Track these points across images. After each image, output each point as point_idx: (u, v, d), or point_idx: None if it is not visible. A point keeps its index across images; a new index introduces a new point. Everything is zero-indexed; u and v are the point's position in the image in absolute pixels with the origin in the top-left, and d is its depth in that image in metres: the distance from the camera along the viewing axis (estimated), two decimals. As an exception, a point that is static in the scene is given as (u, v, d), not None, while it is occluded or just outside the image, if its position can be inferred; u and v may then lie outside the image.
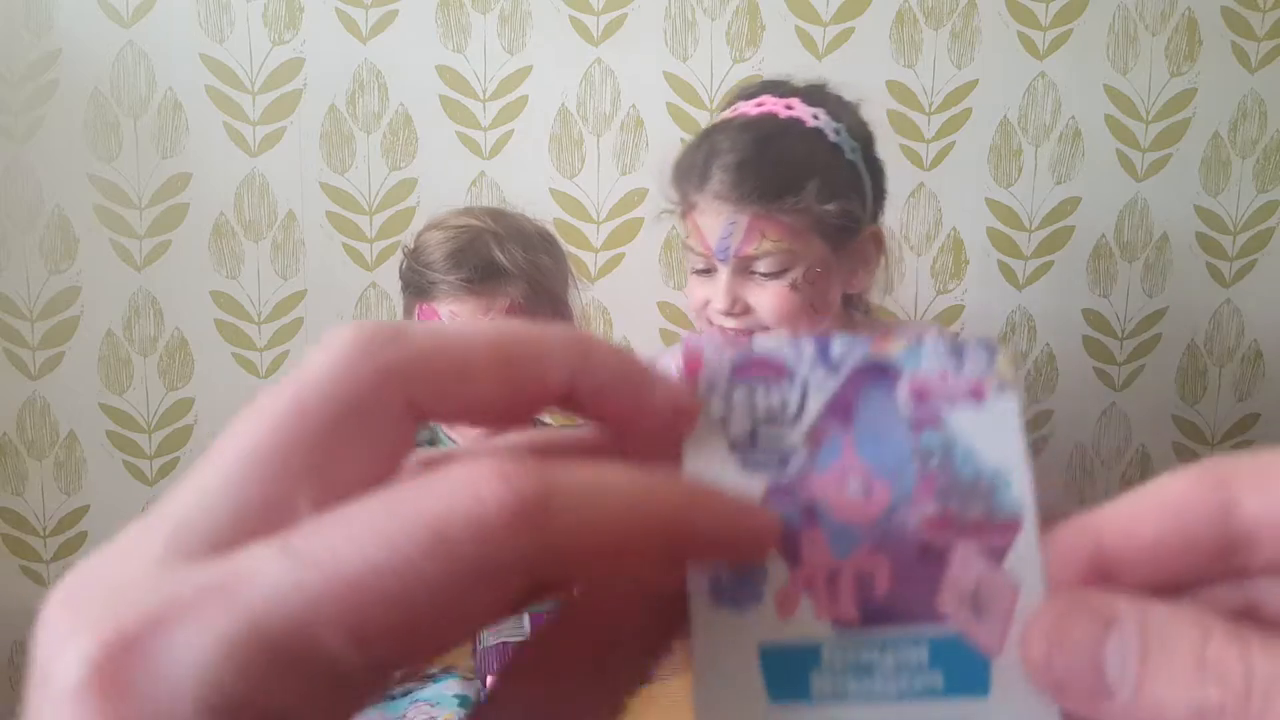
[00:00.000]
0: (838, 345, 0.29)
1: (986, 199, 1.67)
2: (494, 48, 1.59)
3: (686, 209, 1.14)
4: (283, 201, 1.61)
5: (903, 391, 0.28)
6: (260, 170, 1.60)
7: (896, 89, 1.63)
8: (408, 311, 1.18)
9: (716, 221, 1.10)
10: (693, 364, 0.29)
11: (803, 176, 1.08)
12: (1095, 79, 1.66)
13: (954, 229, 1.68)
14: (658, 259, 1.64)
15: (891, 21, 1.62)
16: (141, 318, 1.64)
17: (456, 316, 1.10)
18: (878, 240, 1.19)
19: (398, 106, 1.60)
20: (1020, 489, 0.26)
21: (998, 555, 0.26)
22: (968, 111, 1.64)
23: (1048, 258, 1.70)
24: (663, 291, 1.66)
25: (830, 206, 1.09)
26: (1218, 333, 1.76)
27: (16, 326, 1.63)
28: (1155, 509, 0.22)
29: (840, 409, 0.28)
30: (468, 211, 1.18)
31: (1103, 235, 1.70)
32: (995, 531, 0.26)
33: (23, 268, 1.61)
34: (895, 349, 0.28)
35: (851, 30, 1.61)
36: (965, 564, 0.25)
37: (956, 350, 0.29)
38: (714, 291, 1.13)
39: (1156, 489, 0.23)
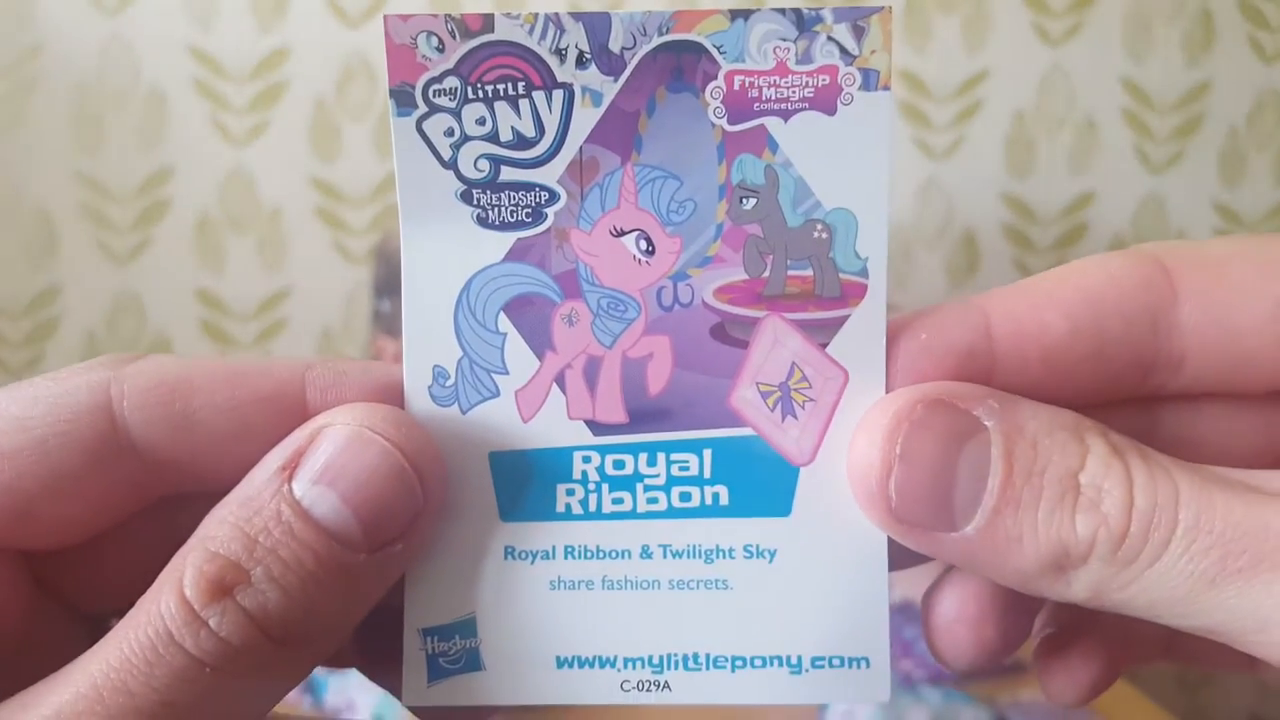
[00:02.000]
0: (617, 25, 0.21)
1: (1000, 192, 1.66)
2: (488, 35, 1.56)
3: None
4: (268, 195, 1.58)
5: (713, 97, 0.20)
6: (246, 163, 1.57)
7: (906, 77, 1.61)
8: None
9: None
10: (400, 60, 0.20)
11: None
12: (1110, 69, 1.63)
13: (966, 223, 1.66)
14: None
15: (902, 8, 1.59)
16: (125, 316, 1.61)
17: None
18: None
19: (387, 95, 1.57)
20: (872, 240, 0.20)
21: (823, 333, 0.20)
22: (979, 102, 1.62)
23: (1063, 251, 1.68)
24: (663, 289, 1.63)
25: None
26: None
27: (-5, 325, 1.60)
28: (1069, 296, 0.18)
29: (618, 126, 0.20)
30: None
31: (1118, 231, 1.69)
32: (823, 301, 0.20)
33: (4, 264, 1.58)
34: (708, 25, 0.20)
35: (859, 17, 1.59)
36: (775, 345, 0.19)
37: (802, 24, 0.21)
38: None
39: (1076, 270, 0.18)
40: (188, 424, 0.19)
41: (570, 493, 0.20)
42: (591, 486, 0.20)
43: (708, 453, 0.19)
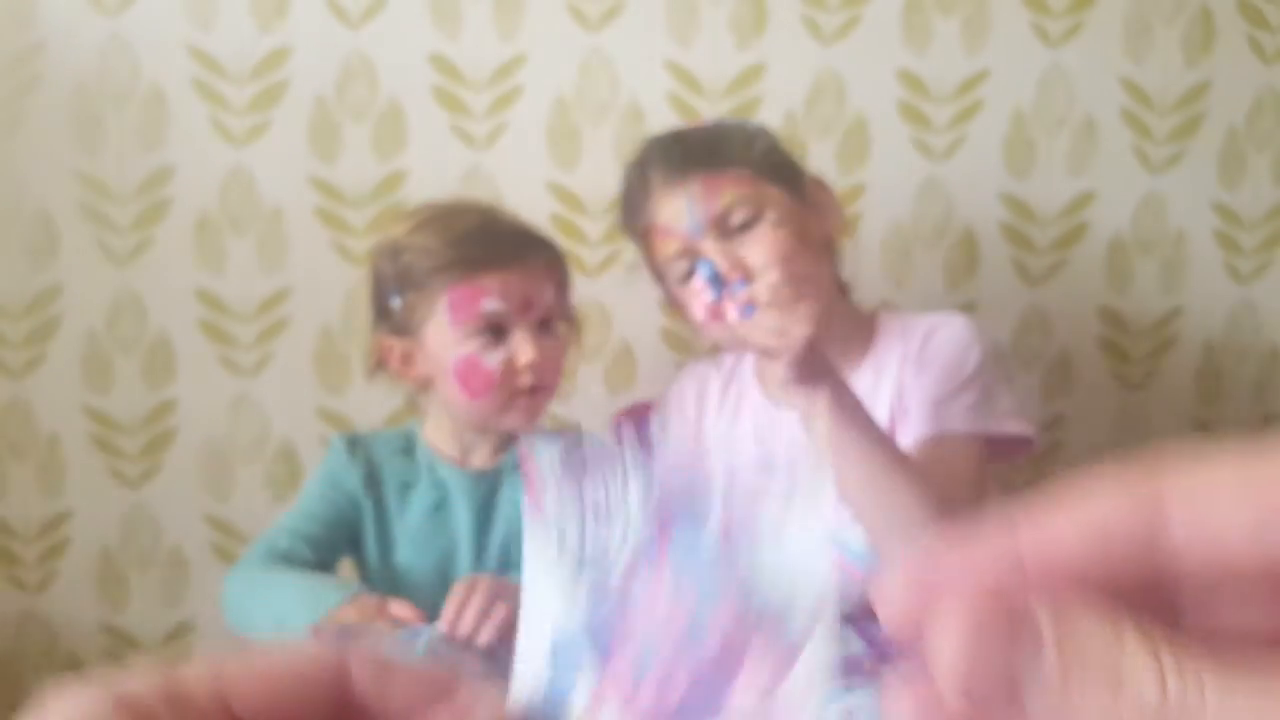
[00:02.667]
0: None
1: (999, 192, 1.66)
2: (487, 35, 1.57)
3: (645, 232, 1.18)
4: (269, 195, 1.59)
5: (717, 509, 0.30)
6: (246, 163, 1.58)
7: (906, 78, 1.61)
8: (408, 319, 1.13)
9: (675, 206, 1.14)
10: (526, 464, 0.33)
11: (729, 139, 1.20)
12: (1109, 70, 1.64)
13: (966, 223, 1.66)
14: (658, 255, 1.62)
15: (901, 8, 1.60)
16: (125, 316, 1.61)
17: (507, 284, 1.08)
18: (821, 186, 1.24)
19: (387, 96, 1.58)
20: (804, 622, 0.28)
21: (779, 675, 0.28)
22: (980, 102, 1.63)
23: (1062, 253, 1.69)
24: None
25: (759, 147, 1.17)
26: (1235, 331, 1.74)
27: (-4, 325, 1.60)
28: (1078, 528, 0.21)
29: (660, 511, 0.31)
30: (452, 201, 1.19)
31: (1118, 231, 1.69)
32: (781, 654, 0.28)
33: (5, 264, 1.58)
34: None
35: (859, 17, 1.59)
36: (756, 669, 0.28)
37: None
38: (710, 271, 1.15)
39: (1080, 504, 0.21)
40: (387, 697, 0.25)
41: None
42: None
43: None
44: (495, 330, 1.09)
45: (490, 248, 1.09)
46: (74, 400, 1.62)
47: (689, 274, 1.15)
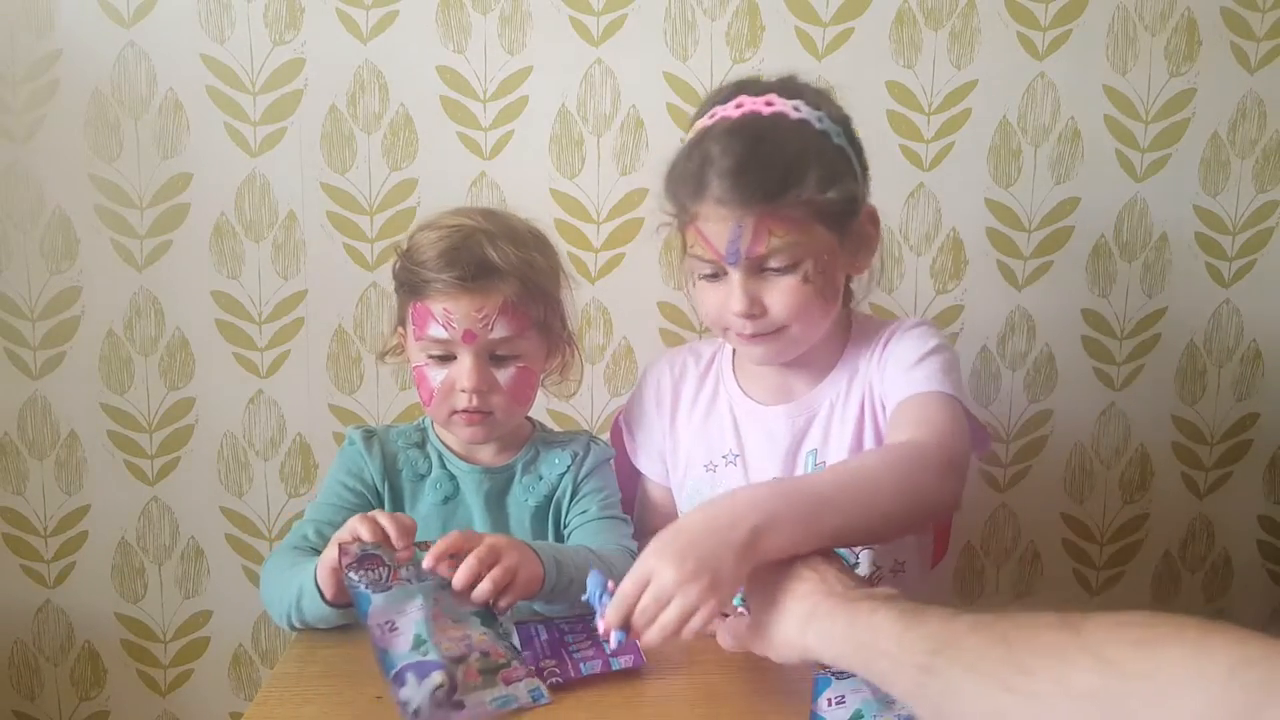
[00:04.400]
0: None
1: (986, 199, 1.68)
2: (494, 48, 1.59)
3: (687, 219, 1.13)
4: (283, 201, 1.62)
5: None
6: (261, 170, 1.61)
7: (896, 89, 1.63)
8: (401, 310, 1.18)
9: (722, 227, 1.09)
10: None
11: (801, 170, 1.09)
12: (1095, 79, 1.66)
13: (953, 229, 1.68)
14: (658, 259, 1.65)
15: (891, 22, 1.62)
16: (142, 318, 1.64)
17: (451, 313, 1.10)
18: (874, 219, 1.20)
19: (398, 107, 1.60)
20: None
21: None
22: (967, 112, 1.65)
23: (1047, 258, 1.70)
24: (663, 291, 1.66)
25: (831, 194, 1.09)
26: (1217, 333, 1.77)
27: (17, 326, 1.63)
28: None
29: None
30: (460, 211, 1.17)
31: (1102, 235, 1.71)
32: None
33: (24, 268, 1.61)
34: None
35: (851, 30, 1.61)
36: None
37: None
38: (727, 295, 1.13)
39: None
40: None
41: None
42: None
43: None
44: (443, 352, 1.13)
45: (448, 274, 1.09)
46: (92, 399, 1.66)
47: (707, 277, 1.15)
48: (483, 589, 0.95)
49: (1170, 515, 1.81)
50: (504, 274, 1.11)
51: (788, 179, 1.08)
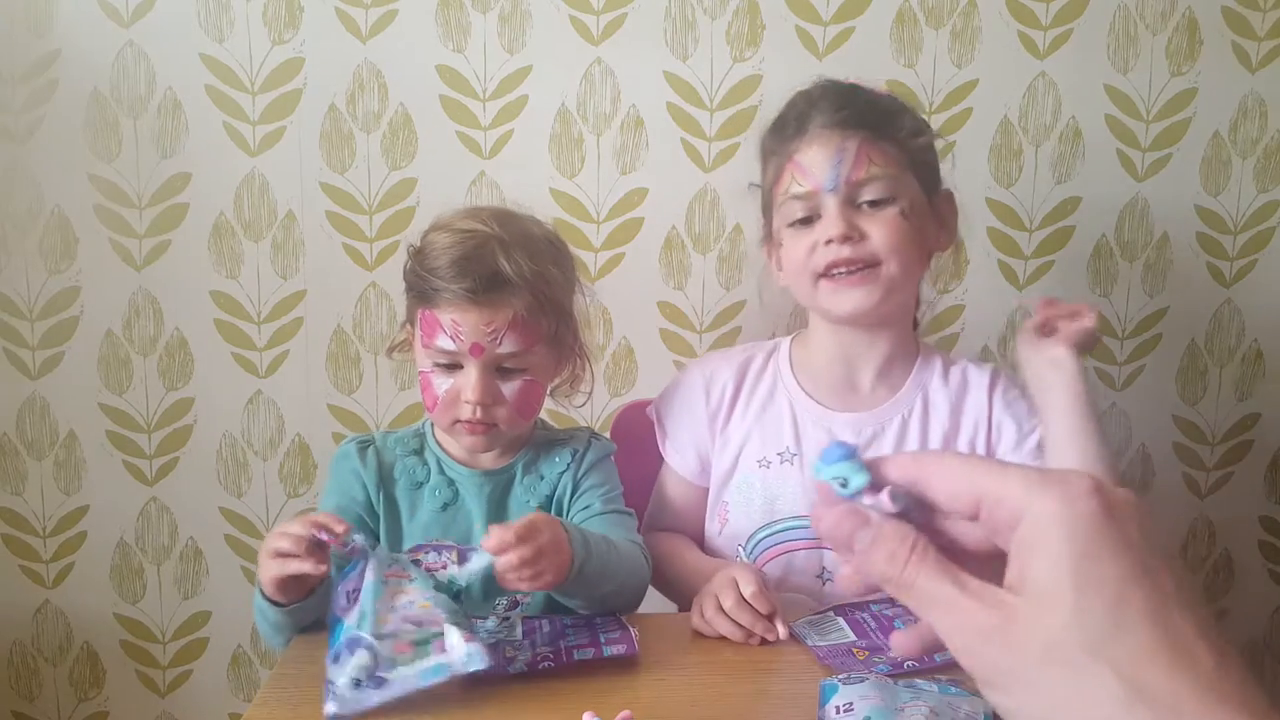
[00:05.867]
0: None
1: (987, 198, 1.67)
2: (494, 47, 1.59)
3: (785, 160, 1.19)
4: (282, 201, 1.61)
5: None
6: (260, 170, 1.60)
7: (897, 89, 1.62)
8: (410, 314, 1.16)
9: (824, 152, 1.16)
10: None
11: (899, 115, 1.20)
12: (1096, 78, 1.66)
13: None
14: (657, 259, 1.64)
15: (892, 21, 1.62)
16: (141, 318, 1.64)
17: (459, 325, 1.08)
18: (952, 202, 1.26)
19: (397, 106, 1.60)
20: None
21: None
22: (968, 111, 1.64)
23: (1048, 257, 1.70)
24: (662, 291, 1.66)
25: (920, 141, 1.18)
26: (1218, 333, 1.76)
27: (16, 326, 1.63)
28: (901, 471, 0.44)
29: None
30: (474, 213, 1.14)
31: (1103, 235, 1.70)
32: None
33: (23, 267, 1.61)
34: None
35: (852, 30, 1.61)
36: None
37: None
38: (822, 230, 1.17)
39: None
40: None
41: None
42: None
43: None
44: (449, 361, 1.11)
45: (459, 284, 1.07)
46: (91, 399, 1.66)
47: (798, 223, 1.18)
48: (508, 561, 0.93)
49: (1171, 515, 1.81)
50: (516, 287, 1.08)
51: (889, 117, 1.18)
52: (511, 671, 0.93)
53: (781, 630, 1.02)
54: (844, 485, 0.43)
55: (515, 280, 1.08)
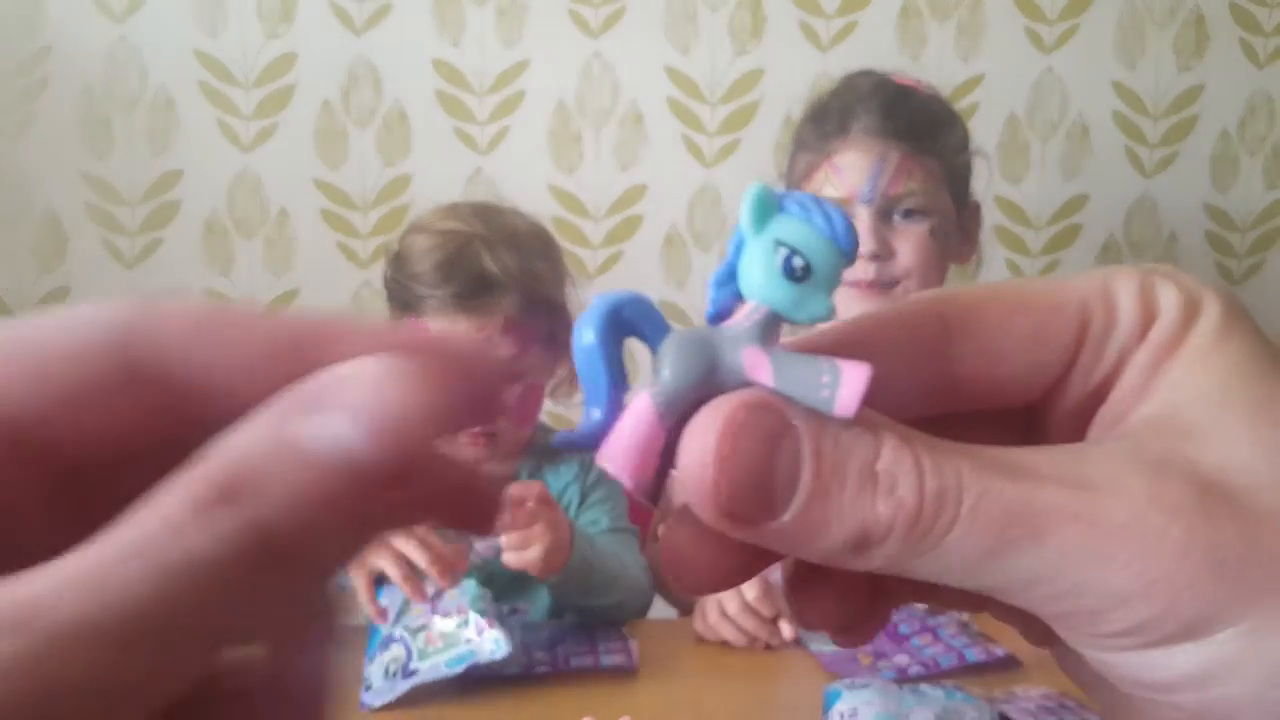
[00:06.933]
0: None
1: (995, 196, 1.66)
2: (490, 41, 1.58)
3: (822, 158, 1.15)
4: (275, 199, 1.60)
5: None
6: (253, 167, 1.59)
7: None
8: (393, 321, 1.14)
9: (864, 159, 1.12)
10: None
11: (945, 127, 1.16)
12: (1103, 74, 1.65)
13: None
14: (657, 256, 1.63)
15: (896, 14, 1.61)
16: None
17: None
18: (978, 214, 1.24)
19: (392, 101, 1.58)
20: None
21: None
22: (974, 106, 1.64)
23: (1055, 255, 1.69)
24: (662, 290, 1.64)
25: (961, 159, 1.15)
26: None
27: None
28: (877, 344, 0.22)
29: None
30: (453, 211, 1.10)
31: (1111, 233, 1.70)
32: None
33: (13, 266, 1.60)
34: None
35: (855, 23, 1.60)
36: None
37: None
38: None
39: (876, 321, 0.23)
40: (210, 354, 0.19)
41: None
42: None
43: None
44: None
45: (444, 290, 1.03)
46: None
47: None
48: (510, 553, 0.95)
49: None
50: (504, 288, 1.04)
51: (934, 129, 1.14)
52: (507, 674, 0.92)
53: (787, 632, 1.00)
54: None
55: (503, 280, 1.04)
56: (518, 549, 0.94)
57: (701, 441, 0.19)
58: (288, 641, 0.21)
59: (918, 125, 1.13)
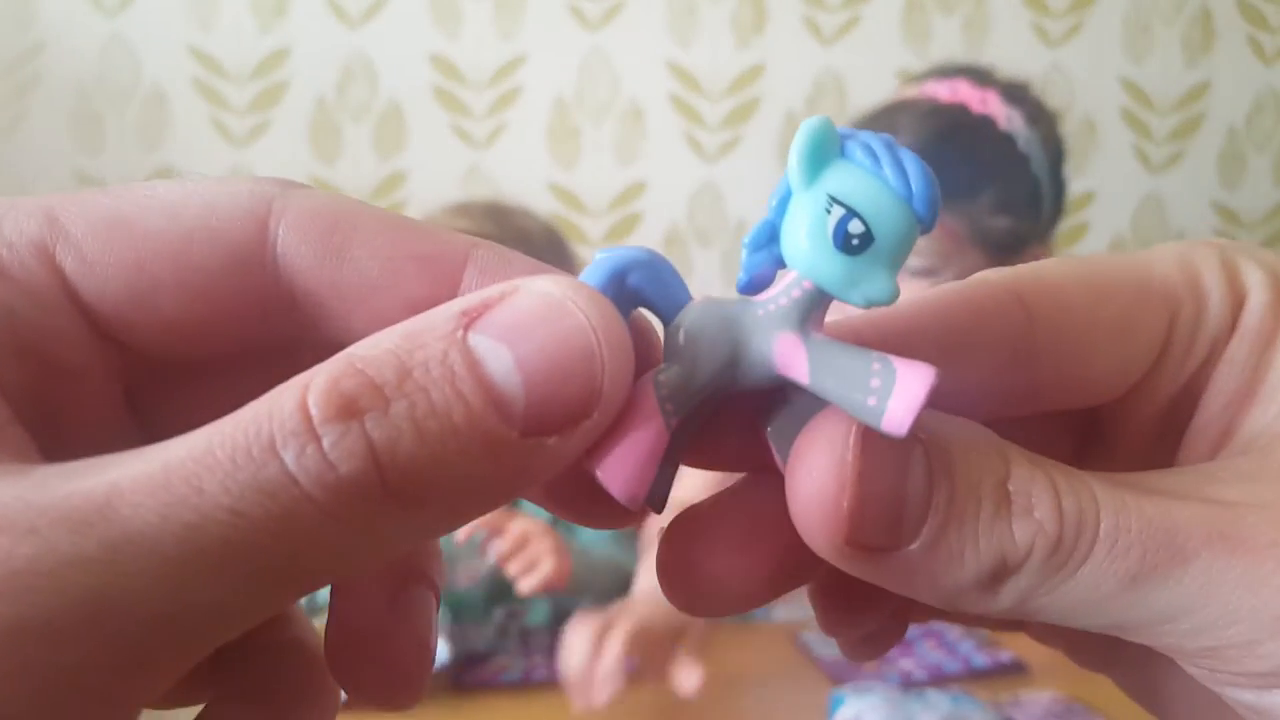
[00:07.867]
0: None
1: None
2: (488, 35, 1.57)
3: None
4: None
5: None
6: (247, 163, 1.58)
7: (905, 77, 1.62)
8: None
9: None
10: None
11: (979, 184, 1.02)
12: (1109, 70, 1.65)
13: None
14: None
15: (901, 8, 1.60)
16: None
17: None
18: (1041, 253, 1.12)
19: (387, 96, 1.58)
20: None
21: None
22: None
23: (1063, 251, 1.69)
24: (663, 288, 1.64)
25: (999, 221, 1.01)
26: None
27: None
28: (936, 329, 0.19)
29: None
30: (465, 211, 1.09)
31: (1118, 231, 1.70)
32: None
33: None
34: None
35: (859, 17, 1.59)
36: None
37: None
38: None
39: (942, 301, 0.19)
40: (340, 260, 0.18)
41: None
42: None
43: None
44: None
45: None
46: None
47: None
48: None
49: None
50: None
51: (961, 186, 1.00)
52: (504, 680, 0.93)
53: (691, 681, 0.84)
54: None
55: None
56: (525, 573, 0.95)
57: (827, 459, 0.16)
58: (382, 594, 0.18)
59: (955, 173, 0.98)
